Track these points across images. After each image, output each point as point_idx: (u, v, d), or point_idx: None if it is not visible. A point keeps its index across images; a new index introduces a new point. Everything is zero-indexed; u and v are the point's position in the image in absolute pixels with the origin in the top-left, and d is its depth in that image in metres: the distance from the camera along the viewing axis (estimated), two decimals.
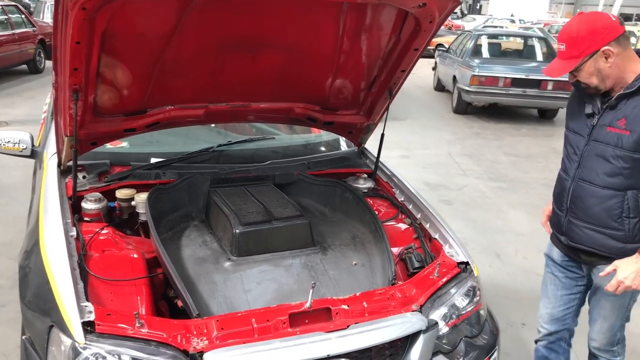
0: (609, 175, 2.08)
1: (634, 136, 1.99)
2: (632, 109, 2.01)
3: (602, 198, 2.11)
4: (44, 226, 2.19)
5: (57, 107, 2.27)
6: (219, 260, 2.23)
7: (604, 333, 2.36)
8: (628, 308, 2.31)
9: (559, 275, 2.45)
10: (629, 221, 2.09)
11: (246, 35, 2.24)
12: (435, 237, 2.46)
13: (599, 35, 1.97)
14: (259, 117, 2.83)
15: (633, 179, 2.05)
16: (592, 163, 2.13)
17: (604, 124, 2.08)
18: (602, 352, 2.42)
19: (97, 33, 1.95)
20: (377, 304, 1.99)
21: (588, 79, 2.05)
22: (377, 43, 2.46)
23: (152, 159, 2.77)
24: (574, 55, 2.01)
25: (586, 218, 2.18)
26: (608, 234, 2.13)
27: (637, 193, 2.06)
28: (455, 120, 9.56)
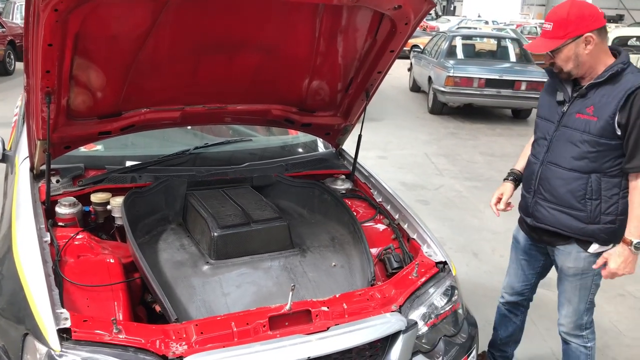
0: (575, 158, 2.22)
1: (600, 122, 2.14)
2: (601, 98, 2.15)
3: (567, 180, 2.25)
4: (16, 232, 2.14)
5: (29, 110, 2.22)
6: (197, 264, 2.21)
7: (570, 316, 2.49)
8: (591, 292, 2.44)
9: (522, 257, 2.65)
10: (591, 202, 2.23)
11: (221, 37, 2.22)
12: (414, 237, 2.48)
13: (586, 22, 2.11)
14: (236, 119, 2.81)
15: (597, 162, 2.19)
16: (560, 147, 2.27)
17: (574, 111, 2.23)
18: (571, 336, 2.55)
19: (70, 35, 1.91)
20: (356, 305, 1.99)
21: (565, 62, 2.18)
22: (354, 45, 2.47)
23: (128, 162, 2.73)
24: (559, 35, 2.13)
25: (552, 199, 2.32)
26: (572, 214, 2.27)
27: (600, 176, 2.20)
28: (431, 121, 9.65)
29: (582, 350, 2.54)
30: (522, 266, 2.65)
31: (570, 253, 2.35)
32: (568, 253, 2.37)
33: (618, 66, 2.14)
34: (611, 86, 2.14)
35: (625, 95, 2.08)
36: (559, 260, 2.42)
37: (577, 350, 2.55)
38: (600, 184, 2.20)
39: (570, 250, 2.35)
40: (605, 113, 2.12)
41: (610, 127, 2.12)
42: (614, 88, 2.12)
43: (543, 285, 3.89)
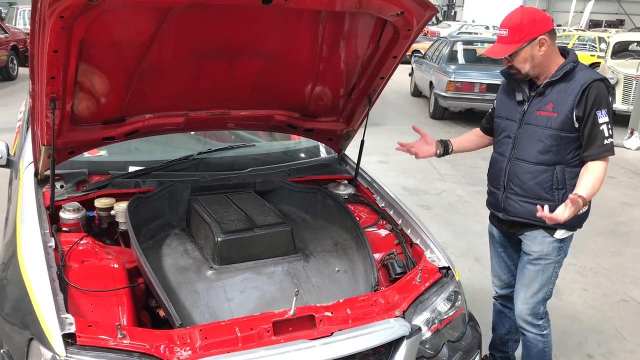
0: (540, 152, 2.36)
1: (560, 117, 2.30)
2: (558, 94, 2.32)
3: (535, 173, 2.39)
4: (21, 237, 2.15)
5: (34, 116, 2.23)
6: (201, 269, 2.22)
7: (527, 303, 2.57)
8: (551, 280, 2.55)
9: (499, 250, 2.76)
10: (558, 192, 2.38)
11: (224, 43, 2.23)
12: (417, 242, 2.48)
13: (538, 25, 2.28)
14: (239, 124, 2.82)
15: (560, 154, 2.35)
16: (525, 143, 2.41)
17: (534, 109, 2.38)
18: (528, 325, 2.62)
19: (75, 41, 1.93)
20: (360, 310, 2.00)
21: (522, 64, 2.32)
22: (356, 50, 2.48)
23: (131, 167, 2.74)
24: (515, 40, 2.28)
25: (522, 192, 2.44)
26: (541, 204, 2.30)
27: (564, 167, 2.36)
28: (433, 126, 9.65)
29: (540, 339, 2.64)
30: (502, 258, 2.76)
31: (536, 237, 2.48)
32: (534, 237, 2.48)
33: (570, 64, 2.31)
34: (566, 83, 2.31)
35: (580, 90, 2.26)
36: (525, 246, 2.53)
37: (535, 339, 2.64)
38: (565, 174, 2.36)
39: (535, 235, 2.48)
40: (564, 108, 2.29)
41: (569, 121, 2.28)
42: (569, 85, 2.30)
43: None
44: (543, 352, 2.67)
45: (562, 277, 4.13)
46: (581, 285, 4.16)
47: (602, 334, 3.51)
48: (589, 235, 5.05)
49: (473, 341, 2.26)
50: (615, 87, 10.00)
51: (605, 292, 4.07)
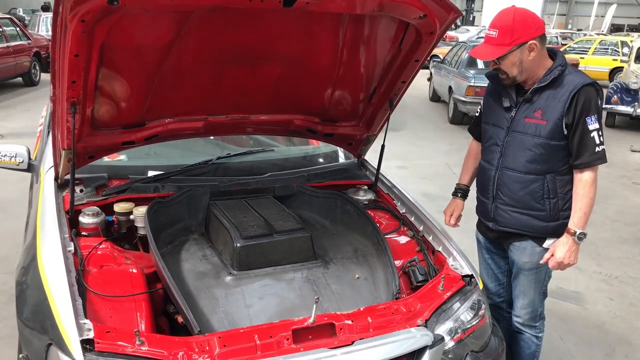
0: (530, 161, 2.28)
1: (549, 125, 2.22)
2: (546, 101, 2.23)
3: (525, 183, 2.31)
4: (41, 241, 2.15)
5: (55, 120, 2.24)
6: (219, 275, 2.19)
7: (526, 308, 2.54)
8: (544, 283, 2.52)
9: (486, 257, 2.70)
10: (549, 201, 2.30)
11: (245, 48, 2.22)
12: (439, 249, 2.43)
13: (530, 29, 2.17)
14: (258, 129, 2.80)
15: (550, 163, 2.27)
16: (513, 152, 2.32)
17: (522, 116, 2.29)
18: (526, 327, 2.59)
19: (96, 46, 1.93)
20: (381, 318, 1.95)
21: (510, 68, 2.23)
22: (377, 54, 2.45)
23: (150, 171, 2.74)
24: (505, 42, 2.17)
25: (512, 202, 2.37)
26: (533, 214, 2.33)
27: (554, 176, 2.28)
28: (452, 131, 9.57)
29: (534, 341, 2.60)
30: (489, 265, 2.70)
31: (526, 249, 2.41)
32: (523, 249, 2.42)
33: (557, 69, 2.23)
34: (554, 89, 2.23)
35: (569, 96, 2.17)
36: (515, 256, 2.47)
37: (530, 340, 2.60)
38: (556, 183, 2.29)
39: (525, 246, 2.41)
40: (553, 116, 2.20)
41: (559, 128, 2.20)
42: (557, 91, 2.22)
43: (571, 299, 3.85)
44: (533, 355, 2.63)
45: (587, 286, 4.07)
46: (607, 294, 4.05)
47: (629, 345, 3.41)
48: (614, 242, 4.95)
49: (497, 351, 2.20)
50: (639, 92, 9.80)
51: (632, 301, 3.96)
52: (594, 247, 4.76)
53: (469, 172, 2.69)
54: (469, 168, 2.69)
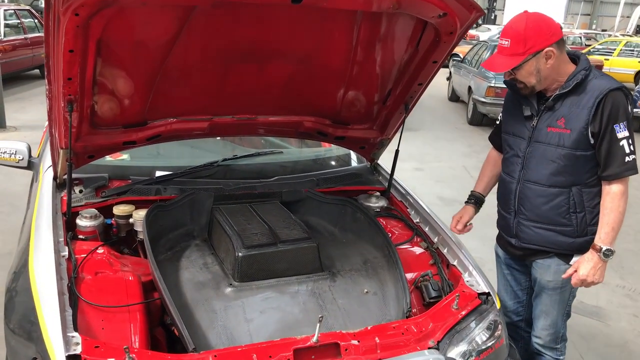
0: (554, 174, 2.13)
1: (574, 134, 2.07)
2: (569, 108, 2.08)
3: (549, 197, 2.16)
4: (34, 245, 2.05)
5: (52, 118, 2.14)
6: (219, 286, 2.08)
7: (547, 329, 2.38)
8: (568, 304, 2.37)
9: (506, 272, 2.53)
10: (576, 216, 2.15)
11: (253, 45, 2.10)
12: (454, 263, 2.29)
13: (545, 36, 2.02)
14: (266, 130, 2.68)
15: (576, 175, 2.12)
16: (535, 164, 2.18)
17: (544, 125, 2.15)
18: (546, 349, 2.44)
19: (92, 41, 1.82)
20: (390, 339, 1.83)
21: (527, 77, 2.08)
22: (393, 54, 2.31)
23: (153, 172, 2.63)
24: (519, 52, 2.03)
25: (535, 217, 2.22)
26: (558, 230, 2.19)
27: (581, 188, 2.13)
28: (471, 132, 9.36)
29: None
30: (508, 282, 2.54)
31: (550, 266, 2.27)
32: (547, 267, 2.28)
33: (581, 74, 2.07)
34: (578, 95, 2.07)
35: (595, 102, 2.02)
36: (538, 274, 2.33)
37: None
38: (582, 196, 2.14)
39: (549, 264, 2.27)
40: (577, 124, 2.06)
41: (584, 138, 2.05)
42: (581, 97, 2.06)
43: (592, 314, 3.67)
44: None
45: (609, 301, 3.89)
46: (631, 310, 3.85)
47: None
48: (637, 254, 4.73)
49: None
50: None
51: None
52: (617, 260, 4.56)
53: (484, 181, 2.56)
54: (485, 176, 2.56)
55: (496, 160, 2.50)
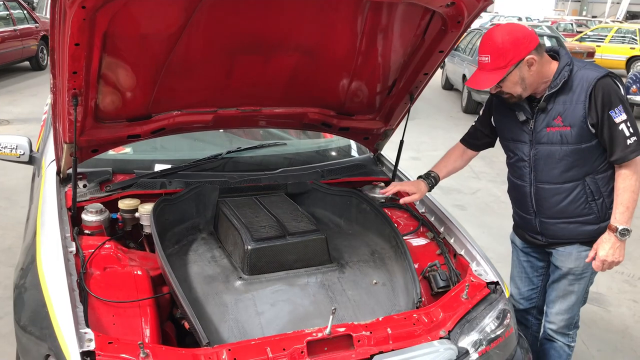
0: (564, 171, 2.16)
1: (575, 129, 2.09)
2: (563, 105, 2.10)
3: (565, 192, 2.19)
4: (41, 241, 2.03)
5: (56, 112, 2.12)
6: (229, 279, 2.07)
7: (563, 314, 2.40)
8: (586, 290, 2.39)
9: (522, 259, 2.54)
10: (595, 203, 2.18)
11: (258, 36, 2.07)
12: (461, 253, 2.30)
13: (522, 45, 2.04)
14: (270, 122, 2.66)
15: (587, 166, 2.15)
16: (544, 165, 2.19)
17: (542, 126, 2.16)
18: (558, 335, 2.46)
19: (98, 34, 1.79)
20: (401, 329, 1.83)
21: (512, 88, 2.10)
22: (400, 45, 2.29)
23: (157, 166, 2.61)
24: (501, 66, 2.05)
25: (556, 215, 2.24)
26: (581, 221, 2.21)
27: (594, 176, 2.16)
28: (465, 120, 9.35)
29: (565, 350, 2.47)
30: (524, 268, 2.55)
31: (571, 254, 2.28)
32: (569, 254, 2.28)
33: (566, 70, 2.09)
34: (568, 91, 2.09)
35: (587, 95, 2.05)
36: (558, 262, 2.33)
37: (561, 349, 2.47)
38: (597, 183, 2.17)
39: (570, 251, 2.28)
40: (576, 120, 2.08)
41: (586, 131, 2.08)
42: (572, 92, 2.08)
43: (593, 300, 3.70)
44: None
45: (608, 287, 3.92)
46: (630, 295, 3.89)
47: None
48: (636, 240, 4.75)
49: None
50: None
51: None
52: None
53: (447, 168, 2.53)
54: (447, 164, 2.53)
55: (461, 155, 2.52)
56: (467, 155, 2.55)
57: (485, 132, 2.42)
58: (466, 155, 2.54)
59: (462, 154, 2.54)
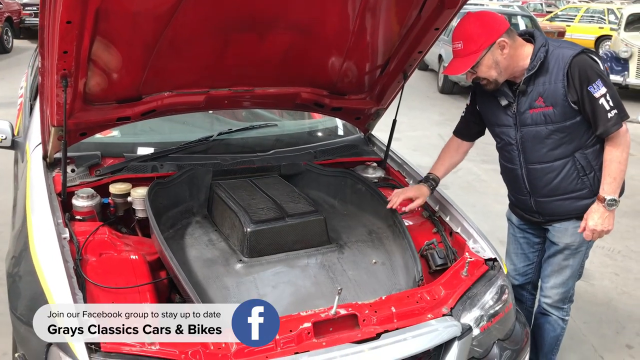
0: (552, 149, 2.18)
1: (558, 108, 2.12)
2: (543, 86, 2.12)
3: (556, 170, 2.21)
4: (32, 228, 1.97)
5: (43, 94, 2.03)
6: (229, 262, 2.05)
7: (558, 288, 2.44)
8: (581, 264, 2.43)
9: (518, 236, 2.57)
10: (587, 178, 2.21)
11: (253, 13, 2.02)
12: (457, 231, 2.31)
13: (492, 29, 2.08)
14: (262, 103, 2.62)
15: (574, 142, 2.17)
16: (531, 146, 2.22)
17: (524, 109, 2.18)
18: (553, 308, 2.49)
19: (90, 11, 1.72)
20: (405, 307, 1.84)
21: (487, 72, 2.12)
22: (396, 21, 2.27)
23: (147, 149, 2.55)
24: (473, 50, 2.08)
25: (550, 193, 2.26)
26: (575, 196, 2.24)
27: (583, 151, 2.18)
28: (442, 101, 9.43)
29: (560, 324, 2.52)
30: (520, 244, 2.58)
31: (567, 229, 2.31)
32: (565, 229, 2.32)
33: (541, 51, 2.11)
34: (546, 71, 2.11)
35: (564, 74, 2.07)
36: (555, 238, 2.36)
37: (556, 322, 2.52)
38: (587, 157, 2.19)
39: (566, 227, 2.31)
40: (557, 99, 2.10)
41: (568, 109, 2.10)
42: (550, 72, 2.11)
43: None
44: (557, 339, 2.56)
45: (590, 261, 3.99)
46: (611, 269, 4.00)
47: (639, 322, 3.37)
48: None
49: (523, 338, 2.11)
50: (629, 61, 9.72)
51: (637, 276, 3.91)
52: None
53: (445, 166, 2.51)
54: (446, 161, 2.51)
55: (457, 148, 2.51)
56: (463, 148, 2.53)
57: (475, 120, 2.42)
58: (462, 148, 2.52)
59: (457, 147, 2.52)
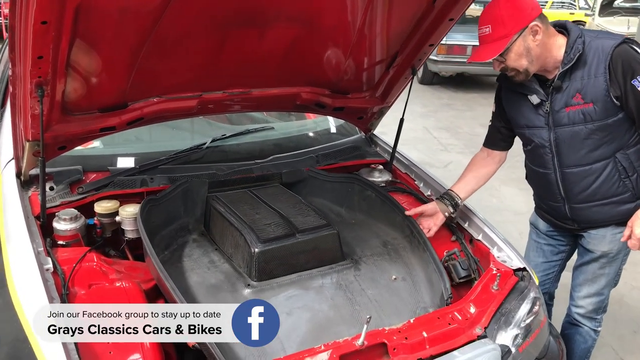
0: (592, 150, 2.01)
1: (599, 105, 1.93)
2: (582, 81, 1.94)
3: (595, 173, 2.04)
4: (9, 259, 1.72)
5: (15, 106, 1.78)
6: (236, 287, 1.83)
7: (592, 297, 2.29)
8: (618, 272, 2.27)
9: (542, 243, 2.41)
10: (629, 180, 2.05)
11: (254, 6, 1.79)
12: (479, 238, 2.13)
13: (525, 12, 1.89)
14: (260, 105, 2.40)
15: (615, 141, 2.00)
16: (568, 148, 2.04)
17: (559, 107, 2.00)
18: (585, 319, 2.35)
19: (69, 9, 1.47)
20: (437, 331, 1.65)
21: (517, 61, 1.94)
22: (406, 12, 2.07)
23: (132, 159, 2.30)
24: (502, 35, 1.89)
25: (588, 198, 2.09)
26: (616, 201, 2.07)
27: (625, 151, 2.02)
28: (423, 92, 9.27)
29: (591, 335, 2.38)
30: (544, 252, 2.41)
31: (605, 236, 2.15)
32: (602, 237, 2.16)
33: (578, 42, 1.92)
34: (585, 64, 1.93)
35: (605, 67, 1.89)
36: (590, 245, 2.20)
37: (587, 334, 2.38)
38: (629, 158, 2.02)
39: (604, 234, 2.15)
40: (598, 94, 1.92)
41: (611, 105, 1.93)
42: (589, 65, 1.92)
43: None
44: (587, 351, 2.42)
45: None
46: None
47: None
48: None
49: (558, 354, 1.95)
50: None
51: None
52: None
53: (466, 185, 2.25)
54: (467, 180, 2.27)
55: (481, 162, 2.29)
56: (489, 167, 2.28)
57: (506, 125, 2.21)
58: (492, 158, 2.28)
59: (480, 162, 2.29)
